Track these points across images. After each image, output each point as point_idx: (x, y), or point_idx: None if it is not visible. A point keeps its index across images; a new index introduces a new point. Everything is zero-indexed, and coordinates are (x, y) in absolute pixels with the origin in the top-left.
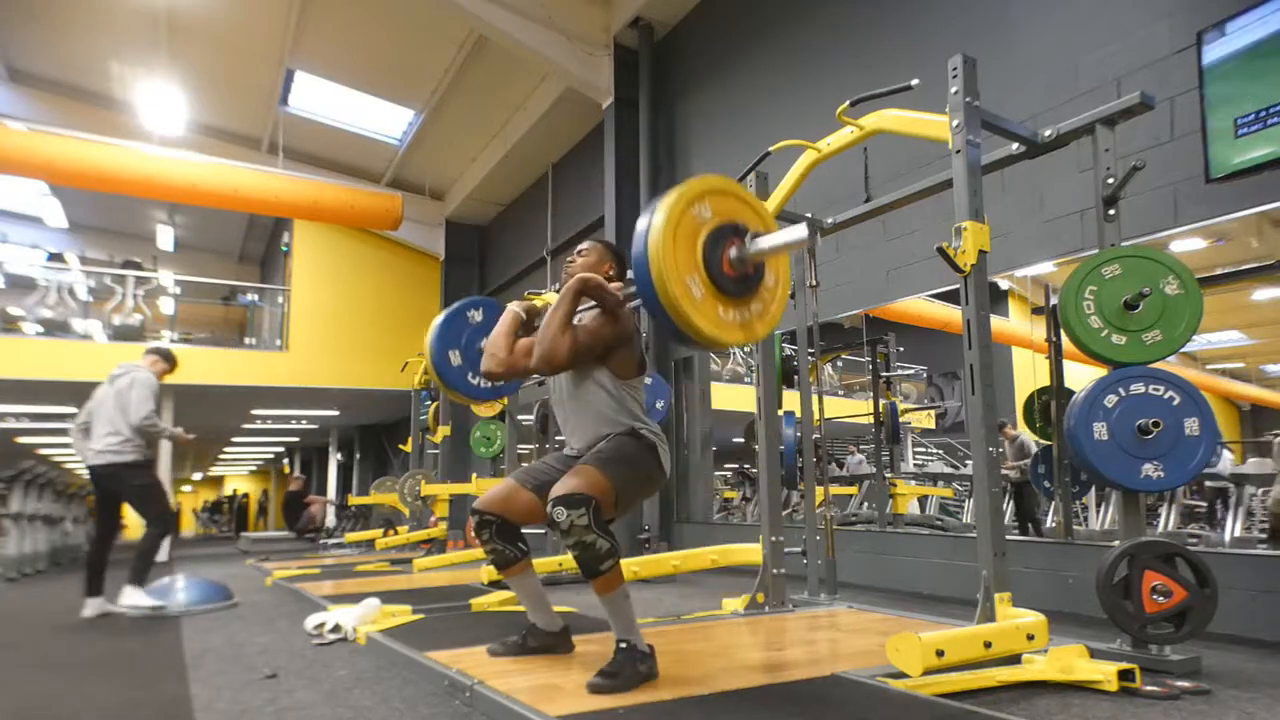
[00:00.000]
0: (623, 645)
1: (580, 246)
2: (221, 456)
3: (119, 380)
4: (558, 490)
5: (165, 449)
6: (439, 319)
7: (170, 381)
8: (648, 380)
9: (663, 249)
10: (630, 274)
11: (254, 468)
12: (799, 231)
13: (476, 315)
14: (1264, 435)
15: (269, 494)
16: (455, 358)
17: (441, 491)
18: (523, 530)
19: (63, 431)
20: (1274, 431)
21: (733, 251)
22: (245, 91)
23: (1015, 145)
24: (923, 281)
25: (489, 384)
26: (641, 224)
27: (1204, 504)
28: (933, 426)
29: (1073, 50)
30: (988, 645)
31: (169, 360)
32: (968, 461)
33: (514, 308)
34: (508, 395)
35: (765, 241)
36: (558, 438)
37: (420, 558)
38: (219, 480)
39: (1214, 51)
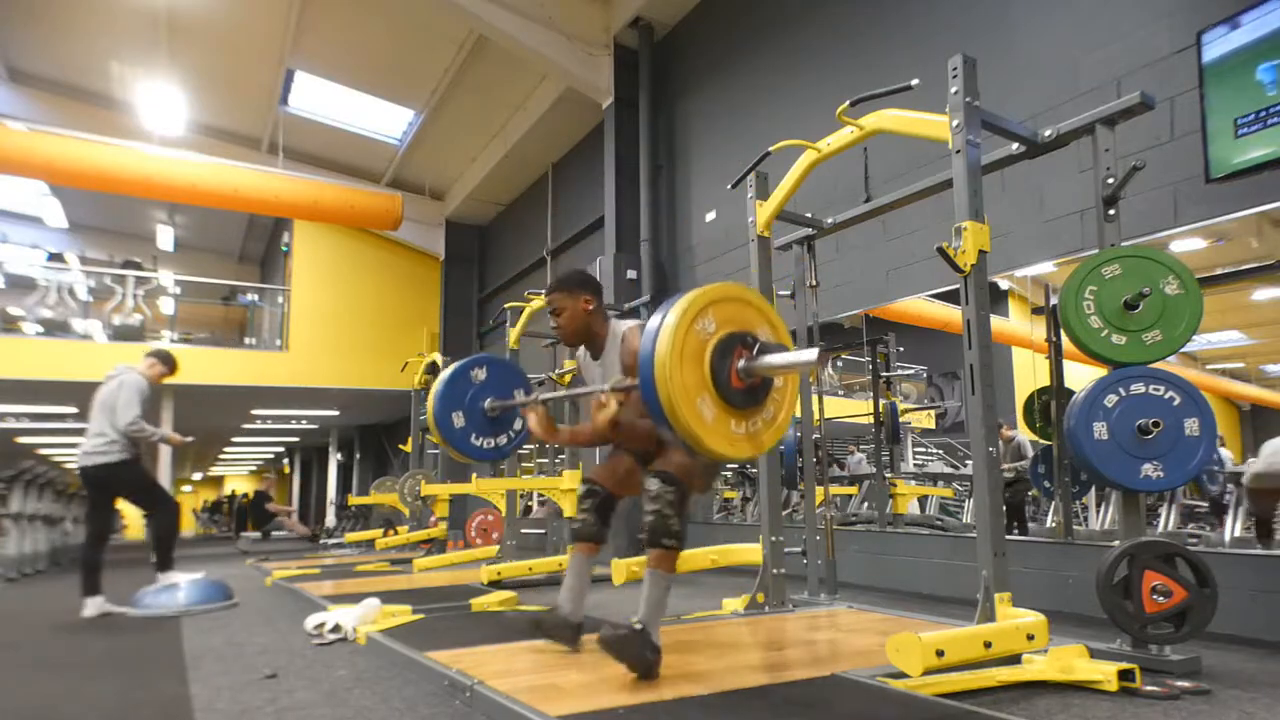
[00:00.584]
0: (638, 627)
1: (551, 303)
2: (221, 456)
3: (110, 382)
4: (659, 465)
5: (165, 451)
6: (442, 378)
7: (170, 381)
8: None
9: (670, 371)
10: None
11: (254, 468)
12: (809, 354)
13: (480, 374)
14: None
15: (246, 495)
16: (459, 419)
17: (441, 491)
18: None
19: (63, 431)
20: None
21: (740, 363)
22: (245, 91)
23: (1015, 145)
24: (923, 281)
25: (491, 445)
26: (647, 341)
27: (1206, 503)
28: (933, 426)
29: (1073, 50)
30: (988, 645)
31: (168, 363)
32: (968, 461)
33: (533, 426)
34: (508, 456)
35: (773, 359)
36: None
37: (420, 558)
38: (219, 480)
39: (1214, 51)
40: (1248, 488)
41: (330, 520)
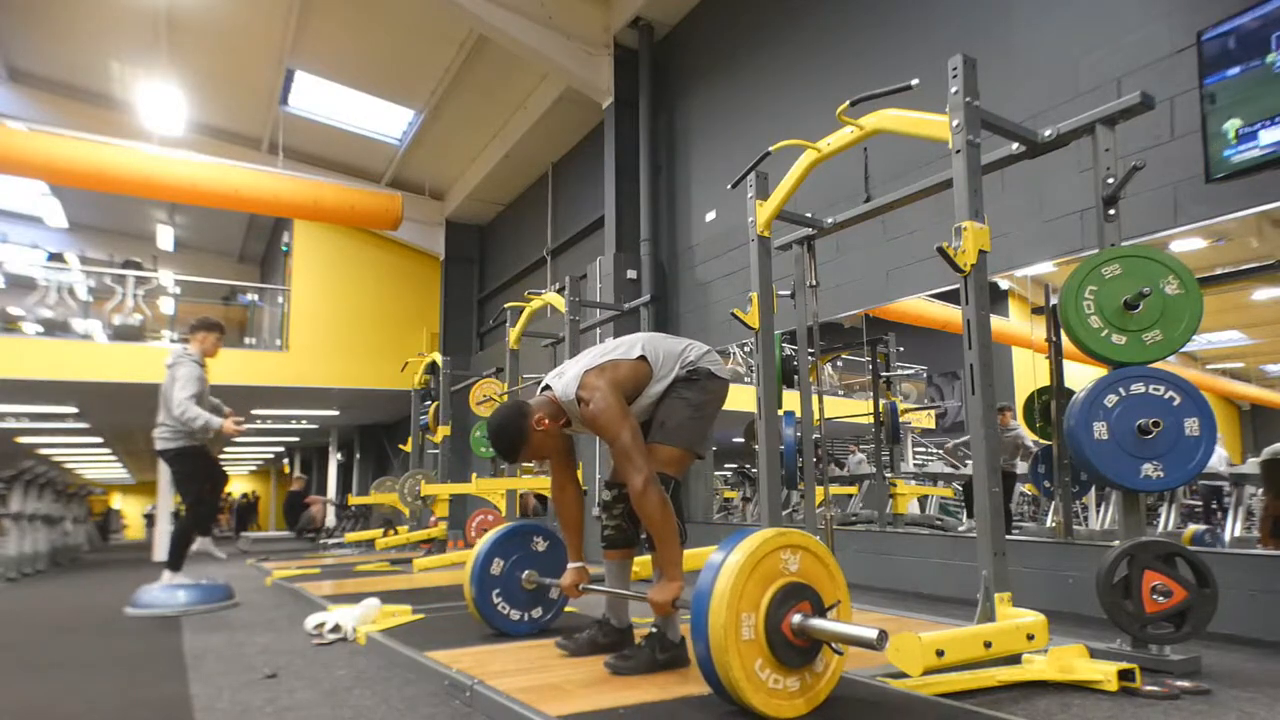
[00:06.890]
0: (654, 630)
1: (529, 459)
2: (221, 457)
3: (168, 373)
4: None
5: None
6: (478, 558)
7: None
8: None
9: (736, 576)
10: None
11: (254, 468)
12: (869, 633)
13: (540, 544)
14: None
15: (246, 496)
16: (497, 566)
17: (441, 491)
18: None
19: (63, 431)
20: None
21: (797, 617)
22: (245, 91)
23: (1015, 145)
24: (923, 281)
25: (523, 617)
26: (724, 555)
27: (1200, 503)
28: (933, 426)
29: (1073, 50)
30: (988, 645)
31: (214, 329)
32: (968, 461)
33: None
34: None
35: (832, 627)
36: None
37: (420, 558)
38: None
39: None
40: (1262, 462)
41: (330, 520)
